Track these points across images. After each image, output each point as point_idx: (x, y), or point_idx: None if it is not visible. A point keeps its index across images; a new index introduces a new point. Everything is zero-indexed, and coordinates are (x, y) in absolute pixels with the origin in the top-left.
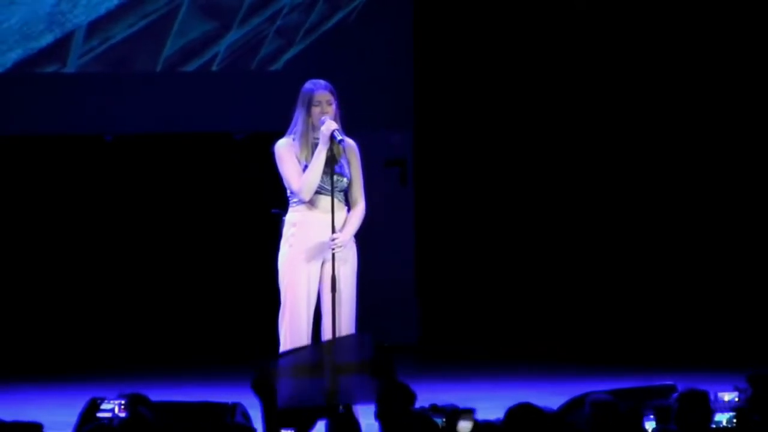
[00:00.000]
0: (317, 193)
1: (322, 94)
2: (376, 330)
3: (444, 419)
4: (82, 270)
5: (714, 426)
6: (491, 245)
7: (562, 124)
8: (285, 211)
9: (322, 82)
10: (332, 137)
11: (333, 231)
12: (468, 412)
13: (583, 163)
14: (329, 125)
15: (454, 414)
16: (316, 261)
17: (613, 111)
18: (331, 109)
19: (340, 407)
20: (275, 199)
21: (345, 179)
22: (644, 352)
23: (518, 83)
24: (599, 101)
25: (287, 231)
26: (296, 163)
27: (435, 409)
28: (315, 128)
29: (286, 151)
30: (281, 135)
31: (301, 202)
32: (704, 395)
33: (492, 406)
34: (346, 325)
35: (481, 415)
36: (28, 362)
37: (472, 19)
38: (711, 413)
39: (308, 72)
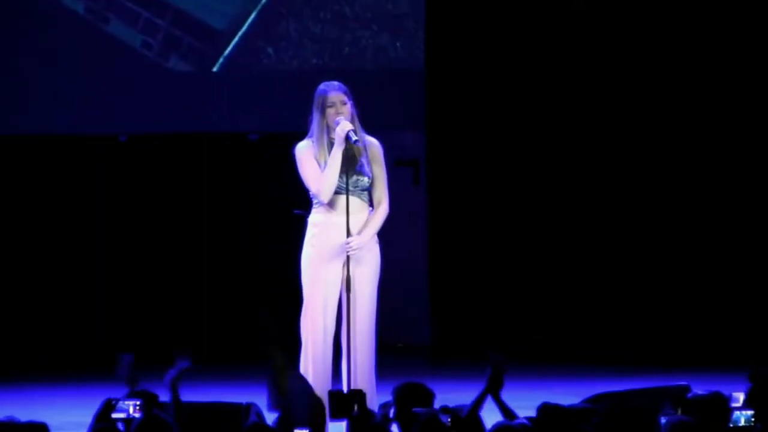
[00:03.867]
0: (337, 193)
1: (335, 95)
2: (388, 330)
3: (449, 419)
4: (96, 270)
5: (732, 425)
6: (504, 246)
7: (575, 125)
8: (308, 212)
9: (335, 83)
10: (347, 138)
11: (348, 232)
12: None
13: (597, 163)
14: (344, 126)
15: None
16: (337, 262)
17: (627, 112)
18: (346, 108)
19: (355, 408)
20: (290, 198)
21: (366, 179)
22: (658, 352)
23: (531, 83)
24: (611, 102)
25: (309, 232)
26: (315, 166)
27: (445, 410)
28: (331, 129)
29: (304, 153)
30: (295, 135)
31: (322, 203)
32: (724, 399)
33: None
34: (363, 326)
35: (491, 416)
36: (43, 362)
37: (485, 18)
38: (729, 414)
39: (321, 72)
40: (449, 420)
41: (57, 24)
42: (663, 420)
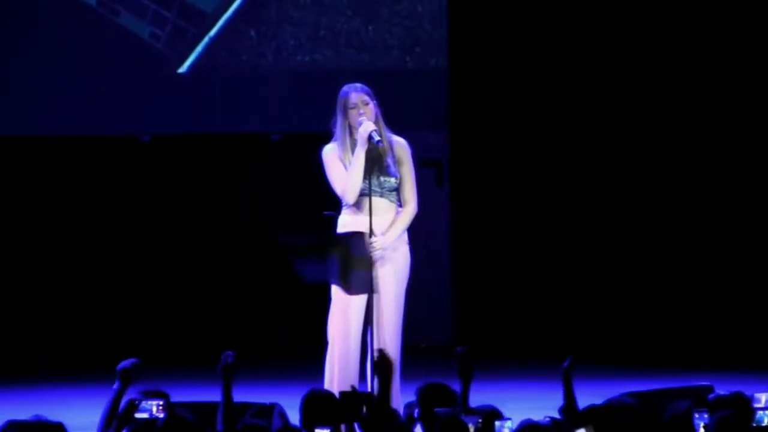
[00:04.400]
0: (364, 195)
1: (357, 96)
2: (411, 331)
3: (480, 420)
4: (96, 270)
5: (755, 425)
6: (528, 246)
7: (599, 124)
8: (338, 213)
9: (357, 84)
10: (370, 138)
11: (371, 233)
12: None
13: (622, 162)
14: (366, 127)
15: (492, 415)
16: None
17: (640, 116)
18: (368, 109)
19: (364, 409)
20: (311, 199)
21: (393, 179)
22: (681, 352)
23: (554, 83)
24: (634, 101)
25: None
26: (340, 167)
27: (468, 410)
28: (354, 130)
29: (330, 156)
30: (317, 136)
31: (349, 205)
32: (746, 399)
33: (526, 407)
34: (388, 327)
35: (515, 416)
36: (61, 363)
37: (508, 18)
38: (752, 414)
39: (344, 72)
40: (479, 421)
41: (70, 20)
42: (701, 418)
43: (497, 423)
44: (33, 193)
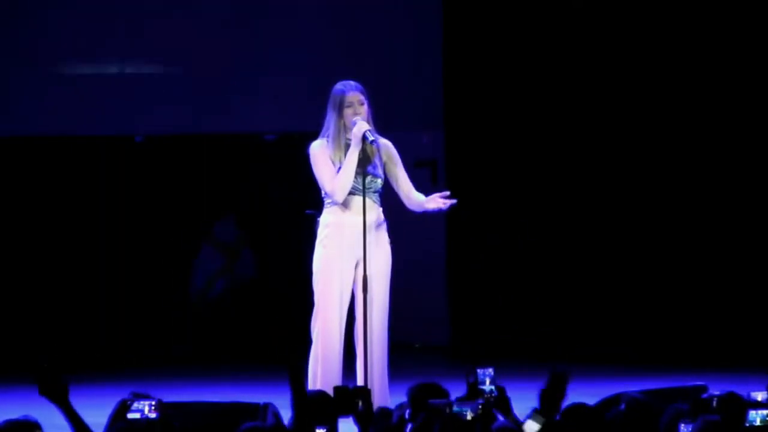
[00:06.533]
0: (351, 194)
1: (353, 95)
2: (406, 330)
3: (480, 406)
4: (96, 270)
5: (748, 425)
6: (525, 245)
7: (595, 124)
8: (320, 212)
9: (352, 83)
10: (364, 138)
11: (365, 232)
12: (539, 413)
13: (616, 161)
14: (361, 126)
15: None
16: (350, 262)
17: (635, 114)
18: (363, 109)
19: (359, 405)
20: (306, 199)
21: (379, 180)
22: (675, 352)
23: (548, 83)
24: (628, 100)
25: (321, 232)
26: (330, 165)
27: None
28: (347, 129)
29: (319, 153)
30: (312, 135)
31: (335, 203)
32: (740, 399)
33: (524, 406)
34: (378, 325)
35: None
36: (61, 363)
37: (502, 17)
38: (746, 413)
39: (338, 72)
40: (479, 406)
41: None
42: (687, 427)
43: (479, 371)
44: (33, 192)
